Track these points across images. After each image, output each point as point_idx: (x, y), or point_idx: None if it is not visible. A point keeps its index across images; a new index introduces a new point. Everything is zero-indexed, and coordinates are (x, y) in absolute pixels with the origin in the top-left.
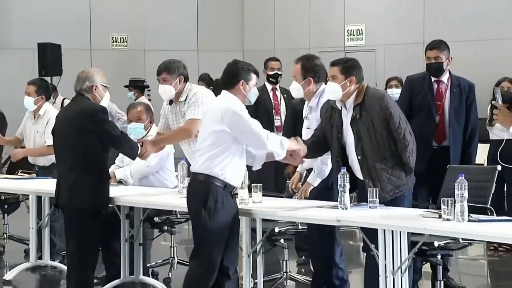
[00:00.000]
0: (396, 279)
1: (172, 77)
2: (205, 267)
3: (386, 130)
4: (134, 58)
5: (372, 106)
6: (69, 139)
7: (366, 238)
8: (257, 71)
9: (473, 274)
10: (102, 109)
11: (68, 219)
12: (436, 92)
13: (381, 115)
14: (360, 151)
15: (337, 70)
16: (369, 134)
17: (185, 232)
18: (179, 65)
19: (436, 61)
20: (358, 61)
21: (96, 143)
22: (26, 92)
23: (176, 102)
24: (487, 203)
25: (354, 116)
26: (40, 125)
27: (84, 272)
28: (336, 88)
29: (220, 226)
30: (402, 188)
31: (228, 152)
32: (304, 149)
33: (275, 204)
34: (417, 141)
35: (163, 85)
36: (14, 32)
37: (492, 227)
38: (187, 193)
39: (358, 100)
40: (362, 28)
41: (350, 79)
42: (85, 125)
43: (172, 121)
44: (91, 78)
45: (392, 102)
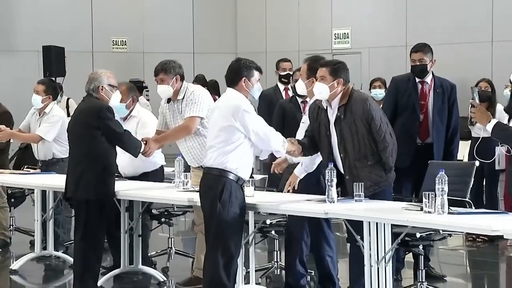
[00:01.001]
0: (380, 269)
1: (169, 77)
2: (226, 257)
3: (368, 131)
4: (134, 60)
5: (356, 108)
6: (76, 135)
7: (352, 230)
8: (259, 68)
9: (452, 263)
10: (107, 107)
11: (76, 210)
12: (420, 92)
13: (364, 117)
14: (342, 149)
15: (326, 72)
16: (351, 134)
17: (182, 224)
18: (175, 65)
19: (420, 63)
20: (345, 63)
21: (101, 139)
22: (35, 91)
23: (174, 101)
24: (465, 196)
25: (338, 116)
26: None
27: (91, 262)
28: (324, 89)
29: (234, 217)
30: (382, 184)
31: (240, 147)
32: (298, 149)
33: (267, 198)
34: (402, 138)
35: (161, 85)
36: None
37: (470, 219)
38: (201, 187)
39: (343, 101)
40: (348, 32)
41: (338, 80)
42: (90, 122)
43: (170, 119)
44: (98, 79)
45: (374, 105)
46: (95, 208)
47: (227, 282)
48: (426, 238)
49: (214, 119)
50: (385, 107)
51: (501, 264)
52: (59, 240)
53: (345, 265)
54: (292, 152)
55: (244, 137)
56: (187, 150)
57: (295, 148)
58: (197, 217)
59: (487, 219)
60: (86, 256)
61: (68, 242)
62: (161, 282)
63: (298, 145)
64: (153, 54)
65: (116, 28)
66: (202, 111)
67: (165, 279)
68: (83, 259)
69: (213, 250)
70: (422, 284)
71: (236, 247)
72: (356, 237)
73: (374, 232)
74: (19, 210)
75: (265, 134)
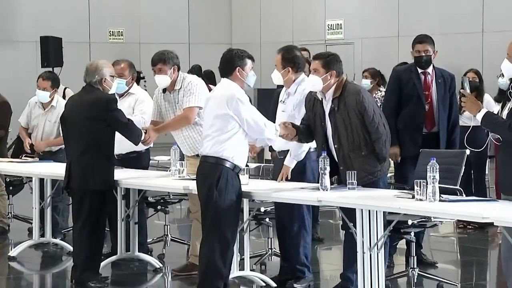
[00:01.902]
0: (372, 255)
1: (167, 67)
2: (222, 244)
3: (361, 122)
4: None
5: (349, 100)
6: (81, 126)
7: (345, 217)
8: (251, 56)
9: (443, 250)
10: (114, 99)
11: (78, 200)
12: (424, 83)
13: (357, 109)
14: (336, 140)
15: (319, 64)
16: (345, 125)
17: (178, 212)
18: (172, 56)
19: (425, 54)
20: (338, 56)
21: (106, 130)
22: (41, 87)
23: (171, 91)
24: (456, 184)
25: (332, 108)
26: (53, 115)
27: (92, 251)
28: (317, 81)
29: (230, 204)
30: (376, 174)
31: (235, 136)
32: (292, 133)
33: (261, 186)
34: (409, 128)
35: (159, 75)
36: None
37: (461, 206)
38: (198, 175)
39: (337, 93)
40: (341, 22)
41: (331, 73)
42: (98, 114)
43: (165, 109)
44: (100, 72)
45: (367, 97)
46: (100, 198)
47: (222, 268)
48: (417, 225)
49: (210, 109)
50: (388, 98)
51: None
52: (58, 228)
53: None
54: (285, 136)
55: (239, 126)
56: (183, 140)
57: (289, 132)
58: (192, 205)
59: (478, 206)
60: (88, 245)
61: (66, 229)
62: (157, 268)
63: (292, 129)
64: (149, 44)
65: (113, 19)
66: (200, 101)
67: (161, 266)
68: (86, 248)
69: (210, 237)
70: (413, 270)
71: (232, 234)
72: (348, 224)
73: (367, 219)
74: (18, 198)
75: (257, 124)
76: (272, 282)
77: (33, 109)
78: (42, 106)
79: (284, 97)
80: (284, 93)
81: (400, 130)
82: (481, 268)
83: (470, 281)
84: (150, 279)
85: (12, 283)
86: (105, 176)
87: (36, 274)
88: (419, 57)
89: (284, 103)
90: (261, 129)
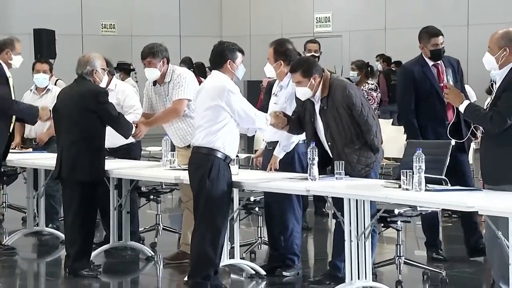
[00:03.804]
0: (360, 243)
1: (157, 60)
2: (213, 233)
3: (351, 116)
4: (122, 43)
5: (337, 96)
6: (72, 117)
7: (333, 206)
8: (242, 50)
9: None
10: (104, 91)
11: (69, 190)
12: (437, 76)
13: (344, 104)
14: (329, 137)
15: (299, 75)
16: (336, 122)
17: (169, 202)
18: (161, 49)
19: (442, 46)
20: (311, 57)
21: (96, 121)
22: (41, 70)
23: (161, 83)
24: (442, 174)
25: (322, 107)
26: (49, 98)
27: (84, 241)
28: (306, 92)
29: (221, 194)
30: (372, 165)
31: (226, 126)
32: (283, 122)
33: (251, 176)
34: (433, 123)
35: (148, 68)
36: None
37: (446, 196)
38: (191, 165)
39: (324, 93)
40: (329, 15)
41: (313, 77)
42: (89, 106)
43: (156, 101)
44: (92, 63)
45: (354, 91)
46: (90, 188)
47: (213, 256)
48: (404, 214)
49: (201, 100)
50: (403, 97)
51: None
52: (57, 216)
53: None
54: (276, 124)
55: (230, 117)
56: (174, 131)
57: (279, 121)
58: (184, 195)
59: (462, 196)
60: (80, 235)
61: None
62: (149, 257)
63: (283, 118)
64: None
65: (105, 11)
66: (189, 93)
67: (153, 254)
68: (77, 238)
69: (201, 226)
70: (400, 258)
71: (223, 223)
72: (337, 213)
73: (354, 208)
74: (11, 188)
75: (247, 114)
76: (262, 270)
77: (27, 97)
78: (36, 92)
79: (277, 89)
80: (276, 85)
81: (422, 126)
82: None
83: (454, 269)
84: (142, 267)
85: (6, 271)
86: (94, 167)
87: (30, 262)
88: (437, 50)
89: (276, 96)
90: (252, 119)
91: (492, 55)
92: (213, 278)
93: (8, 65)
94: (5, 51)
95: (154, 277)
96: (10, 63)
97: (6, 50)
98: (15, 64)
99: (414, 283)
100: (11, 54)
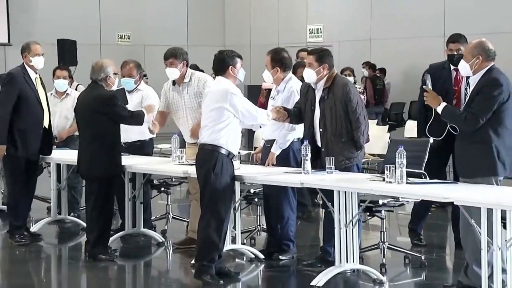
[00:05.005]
0: (348, 230)
1: (178, 61)
2: (217, 220)
3: (345, 111)
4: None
5: (337, 90)
6: (87, 119)
7: (324, 198)
8: (240, 55)
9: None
10: (113, 95)
11: (88, 184)
12: (454, 79)
13: (343, 99)
14: (322, 125)
15: (313, 59)
16: (331, 112)
17: (178, 193)
18: (183, 52)
19: (457, 53)
20: (330, 51)
21: (107, 122)
22: (61, 76)
23: (180, 84)
24: (421, 169)
25: (322, 96)
26: (68, 102)
27: (102, 229)
28: (312, 74)
29: (225, 186)
30: (352, 160)
31: (229, 125)
32: (284, 116)
33: (251, 170)
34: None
35: (170, 68)
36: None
37: (425, 188)
38: (197, 160)
39: (327, 84)
40: (321, 27)
41: (323, 66)
42: (99, 109)
43: (173, 99)
44: (105, 70)
45: (353, 89)
46: (105, 183)
47: (217, 242)
48: (387, 204)
49: (207, 102)
50: (421, 93)
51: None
52: (78, 206)
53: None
54: (278, 119)
55: (233, 116)
56: (187, 128)
57: (280, 115)
58: (192, 187)
59: (440, 188)
60: (98, 223)
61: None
62: (160, 242)
63: (284, 112)
64: (152, 46)
65: (121, 23)
66: None
67: (163, 240)
68: (96, 226)
69: (207, 214)
70: (384, 244)
71: (226, 212)
72: (327, 203)
73: (343, 199)
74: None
75: (250, 112)
76: (260, 254)
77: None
78: (56, 95)
79: (274, 93)
80: (274, 90)
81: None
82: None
83: (432, 253)
84: (154, 251)
85: (33, 255)
86: (108, 165)
87: (54, 247)
88: (451, 55)
89: (274, 99)
90: (254, 116)
91: (467, 62)
92: (217, 261)
93: (31, 67)
94: (24, 55)
95: (165, 260)
96: (31, 65)
97: (24, 54)
98: (36, 65)
99: (396, 265)
100: (29, 57)
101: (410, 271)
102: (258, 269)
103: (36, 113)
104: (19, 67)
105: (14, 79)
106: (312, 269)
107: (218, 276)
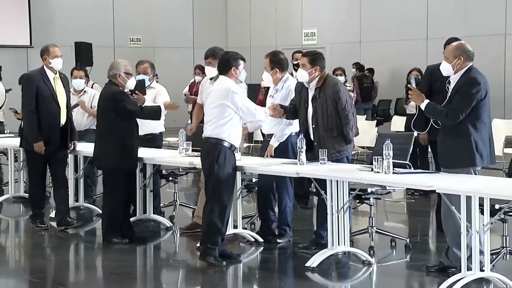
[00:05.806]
0: (339, 216)
1: (216, 61)
2: (220, 207)
3: (335, 109)
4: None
5: (328, 90)
6: (99, 115)
7: (318, 186)
8: (243, 58)
9: (395, 212)
10: (121, 92)
11: (103, 174)
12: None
13: (333, 98)
14: (314, 122)
15: (306, 60)
16: (322, 110)
17: (185, 182)
18: (221, 52)
19: None
20: (322, 54)
21: (116, 119)
22: (78, 76)
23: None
24: (406, 160)
25: (314, 95)
26: (85, 99)
27: (115, 215)
28: (304, 75)
29: (227, 176)
30: (342, 153)
31: (231, 121)
32: (280, 113)
33: (251, 161)
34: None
35: (209, 67)
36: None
37: (410, 177)
38: (202, 152)
39: (319, 84)
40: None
41: (315, 68)
42: (107, 105)
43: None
44: (116, 67)
45: (343, 89)
46: (116, 174)
47: (221, 227)
48: (375, 192)
49: (210, 100)
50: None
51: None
52: (92, 194)
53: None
54: (275, 115)
55: (234, 113)
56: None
57: (277, 112)
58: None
59: (423, 177)
60: (111, 210)
61: (97, 195)
62: (168, 227)
63: (280, 109)
64: (161, 48)
65: (133, 27)
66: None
67: (171, 225)
68: (109, 213)
69: (211, 201)
70: (372, 228)
71: (229, 199)
72: (320, 191)
73: (335, 188)
74: None
75: (249, 109)
76: (260, 238)
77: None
78: (75, 93)
79: (273, 92)
80: (272, 89)
81: (428, 118)
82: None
83: (416, 237)
84: (162, 235)
85: (52, 238)
86: (120, 157)
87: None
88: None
89: (272, 98)
90: (253, 113)
91: (449, 63)
92: (220, 244)
93: (51, 68)
94: (44, 57)
95: (172, 243)
96: (51, 66)
97: (44, 56)
98: (55, 66)
99: (383, 248)
100: (48, 59)
101: (396, 253)
102: (258, 251)
103: (51, 110)
104: (38, 69)
105: (31, 78)
106: (307, 251)
107: (221, 258)
